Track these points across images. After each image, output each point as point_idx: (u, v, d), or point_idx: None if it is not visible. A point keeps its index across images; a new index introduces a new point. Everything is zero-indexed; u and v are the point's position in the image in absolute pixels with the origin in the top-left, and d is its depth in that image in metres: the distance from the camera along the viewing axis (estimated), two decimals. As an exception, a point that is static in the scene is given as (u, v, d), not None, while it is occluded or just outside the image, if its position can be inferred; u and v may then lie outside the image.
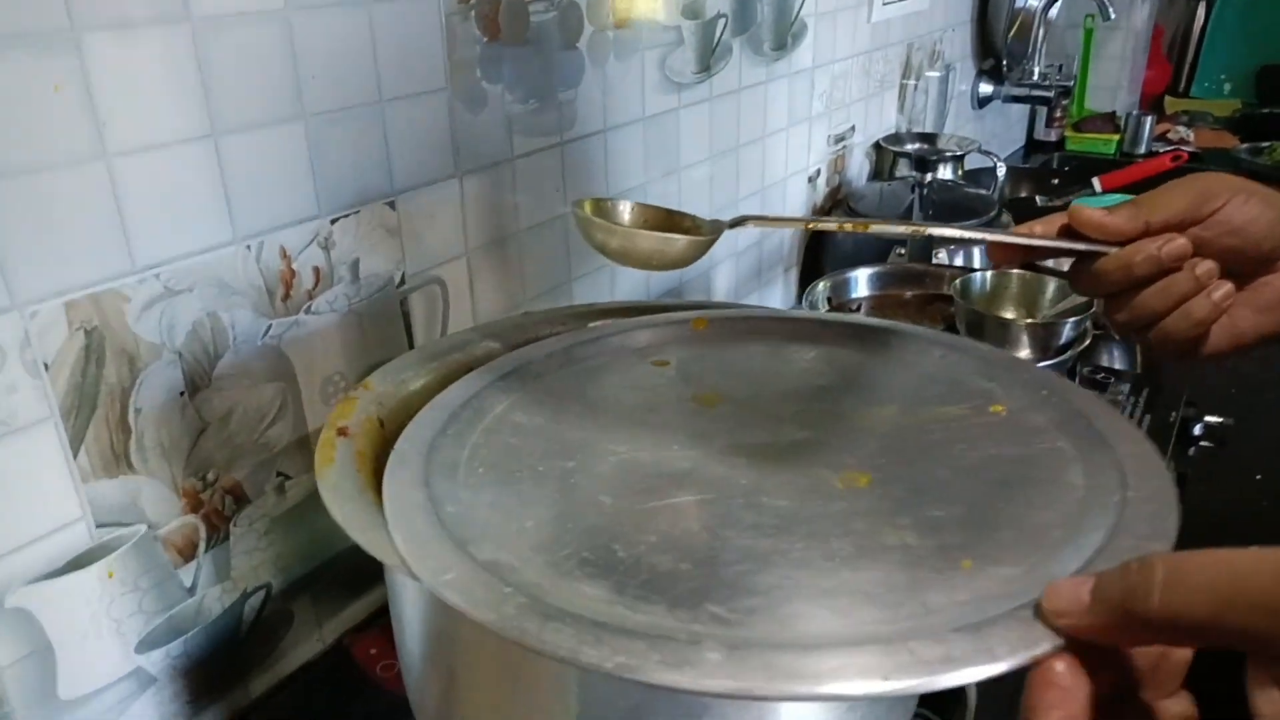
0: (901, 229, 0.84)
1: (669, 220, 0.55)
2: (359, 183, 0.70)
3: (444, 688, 0.46)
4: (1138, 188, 1.67)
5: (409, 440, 0.47)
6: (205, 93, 0.58)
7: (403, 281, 0.76)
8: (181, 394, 0.61)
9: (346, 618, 0.78)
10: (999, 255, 0.54)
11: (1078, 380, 0.95)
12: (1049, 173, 1.98)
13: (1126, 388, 0.98)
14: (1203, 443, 0.95)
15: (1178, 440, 0.94)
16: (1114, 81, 2.32)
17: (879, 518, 0.41)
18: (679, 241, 0.52)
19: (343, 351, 0.72)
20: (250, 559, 0.69)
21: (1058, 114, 2.15)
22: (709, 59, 1.06)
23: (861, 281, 1.04)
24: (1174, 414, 0.93)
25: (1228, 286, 0.50)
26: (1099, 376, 0.99)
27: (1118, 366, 1.01)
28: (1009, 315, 0.94)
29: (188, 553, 0.64)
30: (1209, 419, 0.96)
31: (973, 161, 1.48)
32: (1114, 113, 2.25)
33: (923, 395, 0.53)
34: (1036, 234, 0.53)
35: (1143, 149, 2.10)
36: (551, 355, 0.58)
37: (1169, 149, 2.04)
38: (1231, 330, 0.51)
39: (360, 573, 0.78)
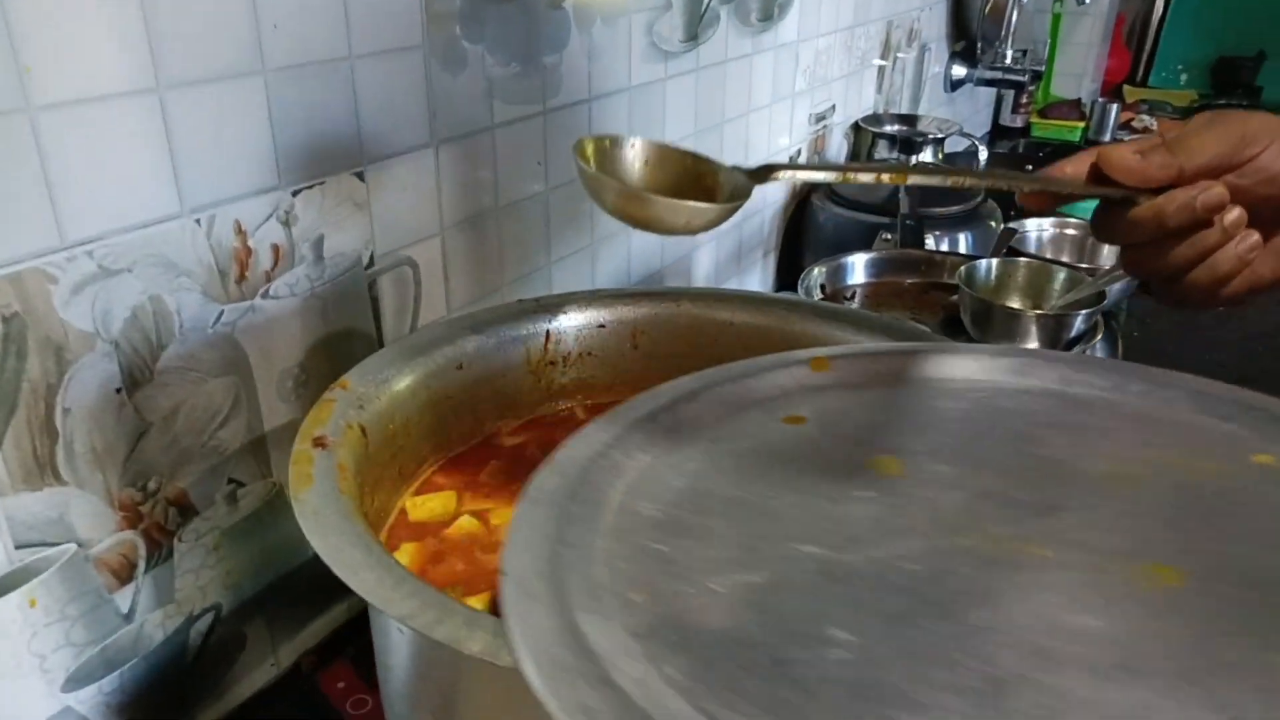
0: (935, 180, 0.75)
1: (683, 164, 0.46)
2: (324, 150, 0.61)
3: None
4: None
5: (520, 552, 0.32)
6: (148, 38, 0.49)
7: (371, 262, 0.67)
8: (118, 391, 0.53)
9: (305, 638, 0.70)
10: (1031, 202, 0.49)
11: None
12: (1023, 158, 1.95)
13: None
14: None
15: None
16: (1079, 68, 2.31)
17: (1244, 639, 0.28)
18: (710, 212, 0.44)
19: (304, 341, 0.63)
20: (197, 578, 0.61)
21: (1024, 100, 2.12)
22: (697, 26, 0.99)
23: (858, 268, 0.98)
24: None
25: (1255, 238, 0.46)
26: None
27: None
28: (1016, 305, 0.90)
29: (124, 574, 0.56)
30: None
31: (946, 145, 1.44)
32: (1079, 100, 2.23)
33: (1153, 444, 0.41)
34: (1067, 175, 0.47)
35: (1108, 137, 2.09)
36: (653, 419, 0.41)
37: (1134, 137, 2.03)
38: (1250, 276, 0.47)
39: (318, 587, 0.70)
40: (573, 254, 0.90)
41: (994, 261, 0.92)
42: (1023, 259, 0.94)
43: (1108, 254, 1.27)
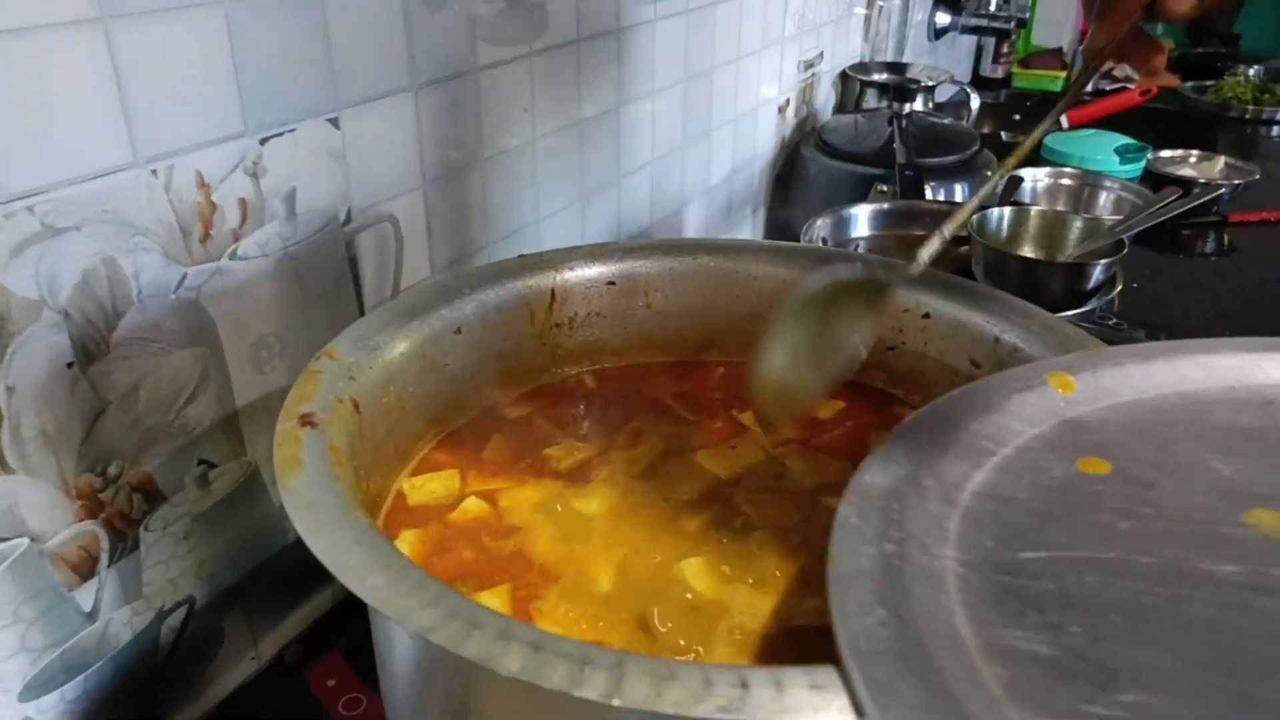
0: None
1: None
2: (295, 92, 0.55)
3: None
4: (1106, 123, 1.61)
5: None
6: (87, -44, 0.43)
7: (349, 219, 0.61)
8: (70, 365, 0.47)
9: (288, 628, 0.65)
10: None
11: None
12: (1011, 107, 1.90)
13: (1142, 334, 0.90)
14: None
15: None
16: (1060, 16, 2.26)
17: None
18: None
19: (277, 307, 0.57)
20: (167, 570, 0.55)
21: (1005, 50, 2.07)
22: (686, -36, 0.92)
23: (861, 220, 0.93)
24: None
25: None
26: (1111, 323, 0.91)
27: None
28: (1031, 254, 0.85)
29: (85, 569, 0.50)
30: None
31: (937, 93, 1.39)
32: (1061, 49, 2.19)
33: None
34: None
35: (1090, 86, 2.05)
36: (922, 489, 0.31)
37: (1116, 87, 1.99)
38: None
39: (301, 573, 0.64)
40: (561, 209, 0.84)
41: (1005, 210, 0.88)
42: (1034, 208, 0.90)
43: (1104, 203, 1.23)
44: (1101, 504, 0.29)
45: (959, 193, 1.17)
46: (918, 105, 1.30)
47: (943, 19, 1.77)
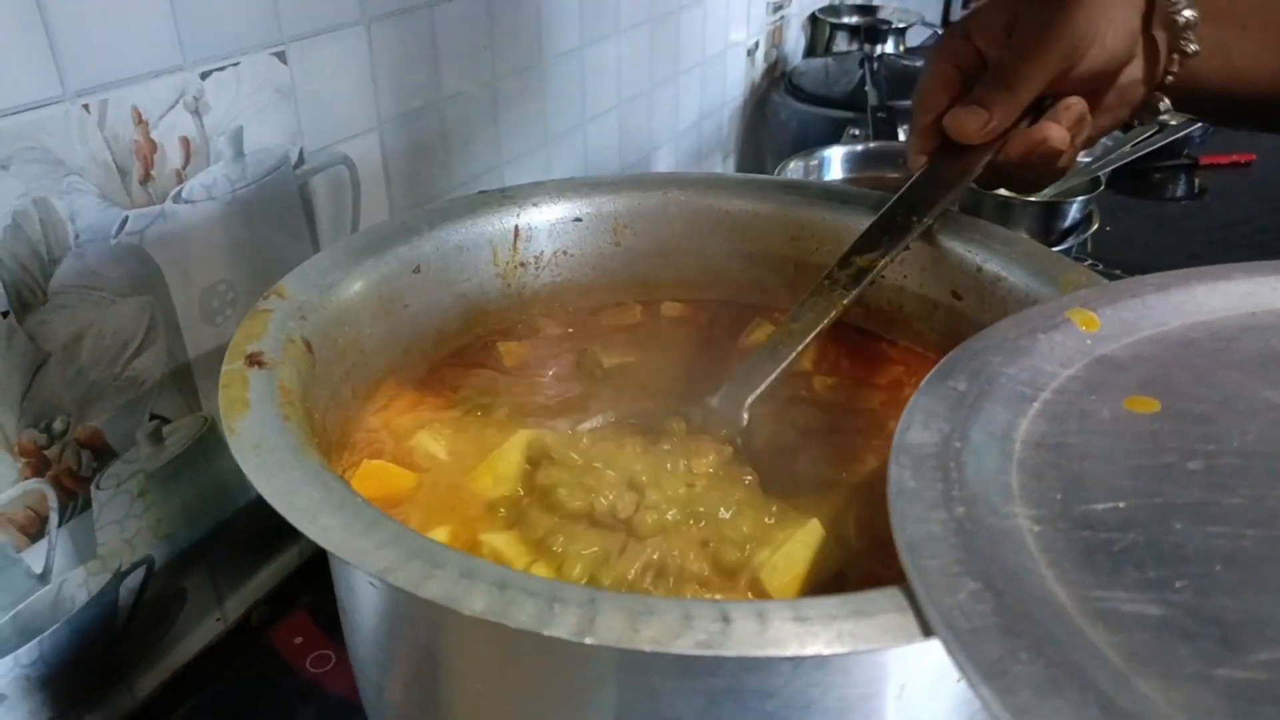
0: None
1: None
2: (237, 22, 0.52)
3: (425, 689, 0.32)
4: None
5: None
6: None
7: (301, 160, 0.58)
8: (5, 315, 0.44)
9: (254, 587, 0.63)
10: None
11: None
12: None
13: (1119, 274, 0.89)
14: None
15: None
16: (1028, -40, 2.23)
17: None
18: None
19: (228, 253, 0.55)
20: (122, 529, 0.53)
21: (975, -7, 2.05)
22: (650, -104, 0.89)
23: (835, 162, 0.91)
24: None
25: (1086, 122, 0.47)
26: (1086, 264, 0.91)
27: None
28: (1005, 193, 0.84)
29: (33, 530, 0.48)
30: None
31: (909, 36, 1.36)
32: (1029, -7, 2.16)
33: None
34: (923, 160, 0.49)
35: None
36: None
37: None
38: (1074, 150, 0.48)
39: (265, 531, 0.62)
40: (526, 154, 0.81)
41: (979, 149, 0.86)
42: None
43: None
44: (1162, 444, 0.28)
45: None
46: (889, 48, 1.28)
47: (912, -39, 1.74)
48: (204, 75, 0.51)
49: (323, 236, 0.61)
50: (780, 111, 1.20)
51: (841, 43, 1.35)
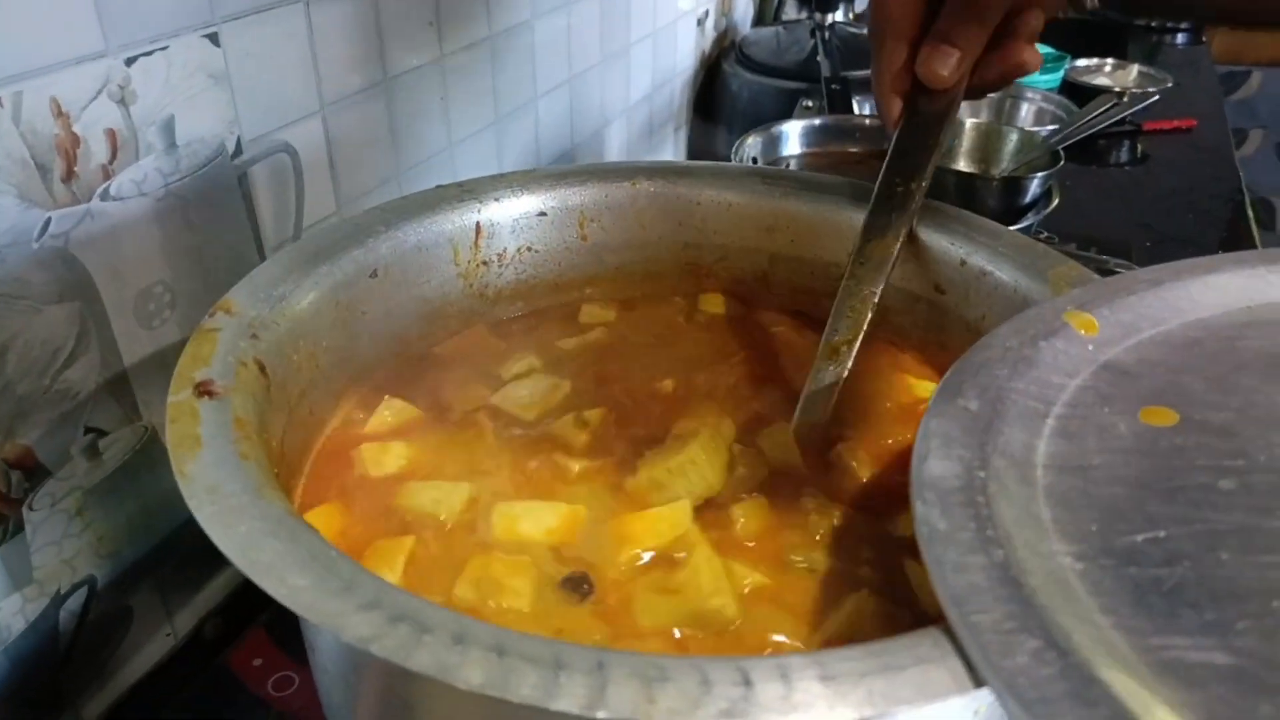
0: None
1: None
2: (162, 3, 0.48)
3: None
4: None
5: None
6: None
7: (239, 150, 0.54)
8: (-84, 331, 0.40)
9: (205, 599, 0.60)
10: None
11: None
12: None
13: (1073, 246, 0.90)
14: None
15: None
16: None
17: None
18: None
19: (164, 252, 0.51)
20: (60, 551, 0.50)
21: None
22: None
23: (792, 137, 0.89)
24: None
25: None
26: (1043, 236, 0.91)
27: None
28: (966, 169, 0.83)
29: (-39, 560, 0.44)
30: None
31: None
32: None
33: None
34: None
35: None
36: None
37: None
38: None
39: (213, 544, 0.59)
40: (476, 134, 0.78)
41: (940, 123, 0.85)
42: (970, 120, 0.87)
43: (1026, 114, 1.22)
44: (1190, 462, 0.26)
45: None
46: (839, 16, 1.26)
47: (858, -76, 1.72)
48: (129, 61, 0.47)
49: (265, 229, 0.58)
50: (731, 82, 1.17)
51: (791, 10, 1.33)
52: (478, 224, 0.46)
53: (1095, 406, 0.29)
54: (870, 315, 0.39)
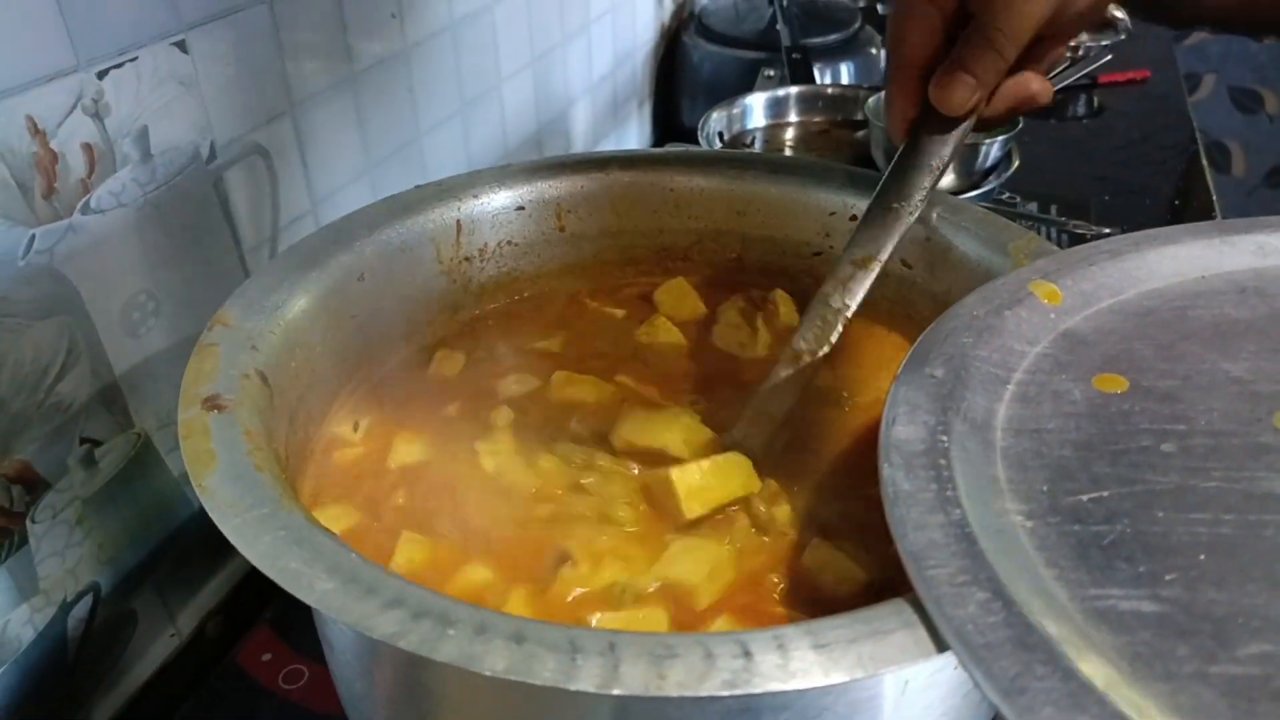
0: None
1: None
2: (130, 12, 0.48)
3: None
4: None
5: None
6: None
7: (213, 155, 0.55)
8: (-90, 356, 0.41)
9: (205, 598, 0.61)
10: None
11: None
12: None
13: (1034, 206, 0.92)
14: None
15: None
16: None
17: None
18: None
19: (146, 262, 0.52)
20: (63, 561, 0.51)
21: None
22: None
23: (757, 110, 0.90)
24: (1090, 231, 0.89)
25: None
26: (1004, 197, 0.93)
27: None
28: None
29: (-31, 575, 0.45)
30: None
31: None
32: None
33: None
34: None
35: None
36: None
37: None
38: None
39: (210, 542, 0.60)
40: (443, 122, 0.78)
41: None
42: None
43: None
44: (1135, 426, 0.29)
45: (845, 74, 1.15)
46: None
47: (809, -114, 1.72)
48: (101, 74, 0.47)
49: (243, 232, 0.58)
50: (692, 54, 1.18)
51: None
52: (458, 222, 0.47)
53: (1053, 373, 0.31)
54: (840, 329, 0.40)
